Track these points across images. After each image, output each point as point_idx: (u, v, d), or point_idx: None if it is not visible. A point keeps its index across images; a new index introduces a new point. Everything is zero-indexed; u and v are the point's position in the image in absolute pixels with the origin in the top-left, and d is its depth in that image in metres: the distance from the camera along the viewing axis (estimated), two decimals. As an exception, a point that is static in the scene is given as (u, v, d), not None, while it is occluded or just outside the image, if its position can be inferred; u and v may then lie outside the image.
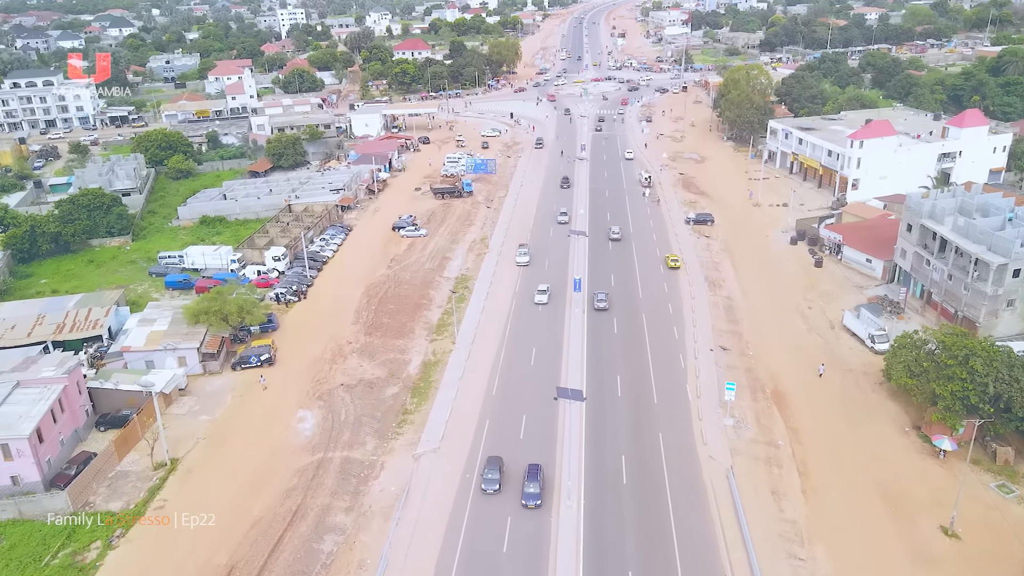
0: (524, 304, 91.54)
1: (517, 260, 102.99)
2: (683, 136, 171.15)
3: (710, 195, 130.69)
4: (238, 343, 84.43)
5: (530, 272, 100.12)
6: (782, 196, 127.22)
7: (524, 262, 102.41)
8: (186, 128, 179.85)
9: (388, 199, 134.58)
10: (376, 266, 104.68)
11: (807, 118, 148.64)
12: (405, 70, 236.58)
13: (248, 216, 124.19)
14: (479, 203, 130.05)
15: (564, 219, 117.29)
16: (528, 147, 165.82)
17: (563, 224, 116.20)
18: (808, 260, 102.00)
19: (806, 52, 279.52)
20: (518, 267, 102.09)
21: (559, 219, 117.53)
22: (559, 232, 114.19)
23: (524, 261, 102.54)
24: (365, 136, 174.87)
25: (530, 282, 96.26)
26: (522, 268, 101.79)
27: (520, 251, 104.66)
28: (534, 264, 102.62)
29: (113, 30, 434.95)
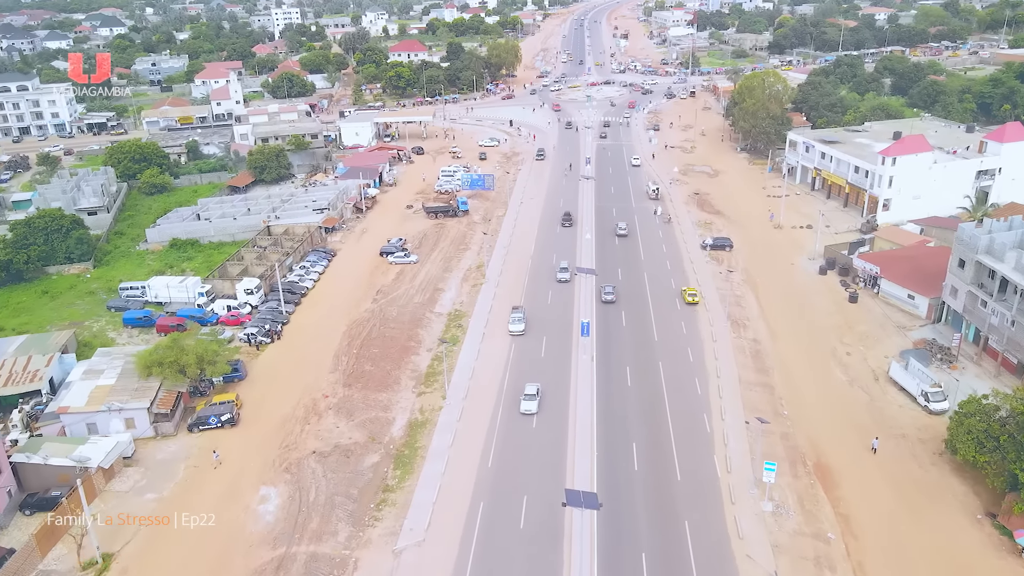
0: (524, 353, 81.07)
1: (511, 328, 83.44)
2: (693, 147, 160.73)
3: (726, 214, 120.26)
4: (198, 396, 74.05)
5: (525, 342, 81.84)
6: (805, 216, 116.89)
7: (519, 330, 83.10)
8: (165, 137, 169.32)
9: (377, 218, 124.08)
10: (360, 299, 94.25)
11: (829, 130, 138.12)
12: (400, 73, 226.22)
13: (224, 238, 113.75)
14: (475, 223, 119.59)
15: (564, 276, 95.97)
16: (529, 159, 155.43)
17: (563, 283, 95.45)
18: (840, 294, 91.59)
19: (817, 55, 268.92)
20: (512, 336, 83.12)
21: (559, 276, 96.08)
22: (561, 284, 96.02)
23: (519, 329, 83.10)
24: (355, 146, 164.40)
25: (524, 358, 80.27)
26: (517, 337, 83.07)
27: (514, 316, 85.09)
28: (533, 322, 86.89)
29: (104, 30, 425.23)
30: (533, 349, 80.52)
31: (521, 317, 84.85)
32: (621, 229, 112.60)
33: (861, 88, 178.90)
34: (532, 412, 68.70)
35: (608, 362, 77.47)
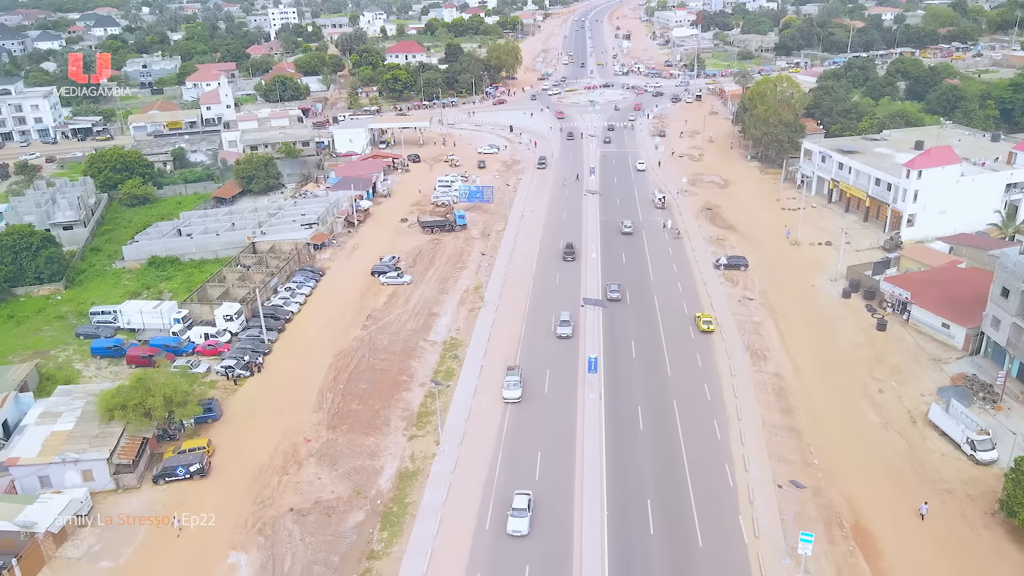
0: (526, 390, 74.31)
1: (505, 394, 70.76)
2: (701, 154, 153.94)
3: (739, 229, 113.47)
4: (167, 440, 67.32)
5: (527, 377, 73.32)
6: (824, 232, 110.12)
7: (515, 397, 70.36)
8: (151, 144, 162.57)
9: (369, 233, 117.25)
10: (349, 325, 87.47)
11: (846, 138, 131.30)
12: (397, 76, 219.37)
13: (206, 255, 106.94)
14: (473, 238, 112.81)
15: (566, 331, 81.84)
16: (530, 167, 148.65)
17: (565, 339, 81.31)
18: (867, 320, 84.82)
19: (825, 56, 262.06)
20: (506, 403, 70.73)
21: (559, 331, 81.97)
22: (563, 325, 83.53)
23: (515, 396, 70.33)
24: (349, 153, 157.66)
25: (526, 395, 73.09)
26: (513, 404, 71.18)
27: (508, 380, 71.96)
28: (537, 354, 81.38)
29: (98, 30, 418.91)
30: (536, 386, 73.70)
31: (517, 381, 71.66)
32: (626, 227, 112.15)
33: (875, 93, 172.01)
34: (521, 533, 54.48)
35: (618, 401, 70.69)
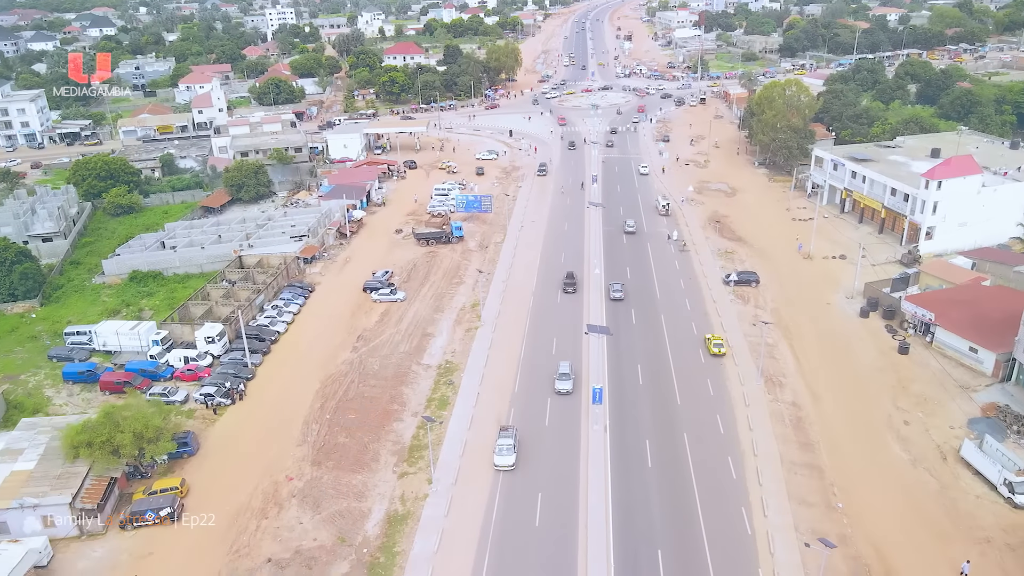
0: (526, 421, 69.49)
1: (496, 461, 61.59)
2: (707, 161, 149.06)
3: (748, 241, 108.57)
4: (138, 479, 62.46)
5: (527, 407, 69.69)
6: (837, 245, 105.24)
7: (507, 464, 61.28)
8: (139, 150, 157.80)
9: (362, 245, 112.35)
10: (339, 347, 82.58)
11: (859, 145, 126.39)
12: (394, 78, 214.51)
13: (190, 270, 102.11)
14: (471, 251, 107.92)
15: (566, 386, 71.00)
16: (530, 174, 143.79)
17: (564, 395, 70.74)
18: (887, 342, 79.90)
19: (831, 58, 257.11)
20: (497, 470, 61.80)
21: (558, 386, 71.17)
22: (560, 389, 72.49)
23: (507, 463, 61.28)
24: (344, 159, 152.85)
25: (525, 429, 70.86)
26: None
27: (501, 443, 62.57)
28: (539, 382, 78.60)
29: (93, 30, 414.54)
30: (536, 417, 68.82)
31: (511, 445, 62.09)
32: (629, 227, 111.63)
33: (885, 97, 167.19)
34: None
35: (624, 434, 65.81)
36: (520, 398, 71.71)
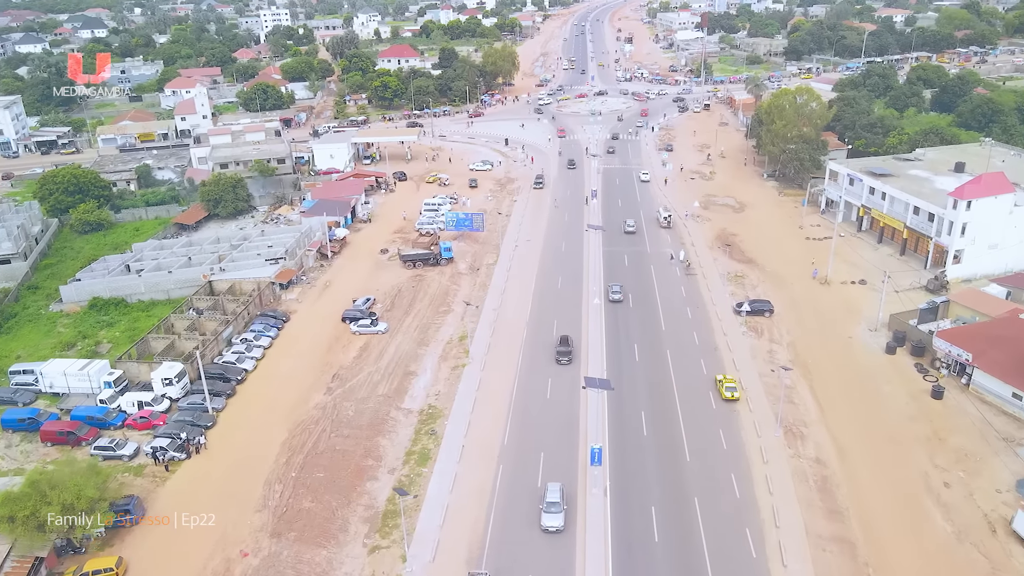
0: (515, 482, 61.73)
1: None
2: (713, 172, 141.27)
3: (759, 263, 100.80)
4: (70, 554, 54.68)
5: (518, 464, 61.95)
6: (856, 268, 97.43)
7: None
8: (115, 160, 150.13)
9: (344, 267, 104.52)
10: (311, 388, 74.79)
11: (876, 158, 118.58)
12: (387, 83, 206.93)
13: (157, 296, 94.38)
14: (461, 274, 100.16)
15: (555, 522, 54.41)
16: (526, 186, 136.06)
17: (555, 533, 55.11)
18: (918, 384, 72.12)
19: (838, 61, 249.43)
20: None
21: (544, 522, 54.57)
22: None
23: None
24: (330, 170, 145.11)
25: (515, 492, 65.12)
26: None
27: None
28: (530, 430, 71.16)
29: (85, 32, 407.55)
30: (529, 478, 61.06)
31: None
32: (629, 226, 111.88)
33: (899, 104, 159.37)
34: None
35: (627, 499, 58.01)
36: (510, 452, 63.93)
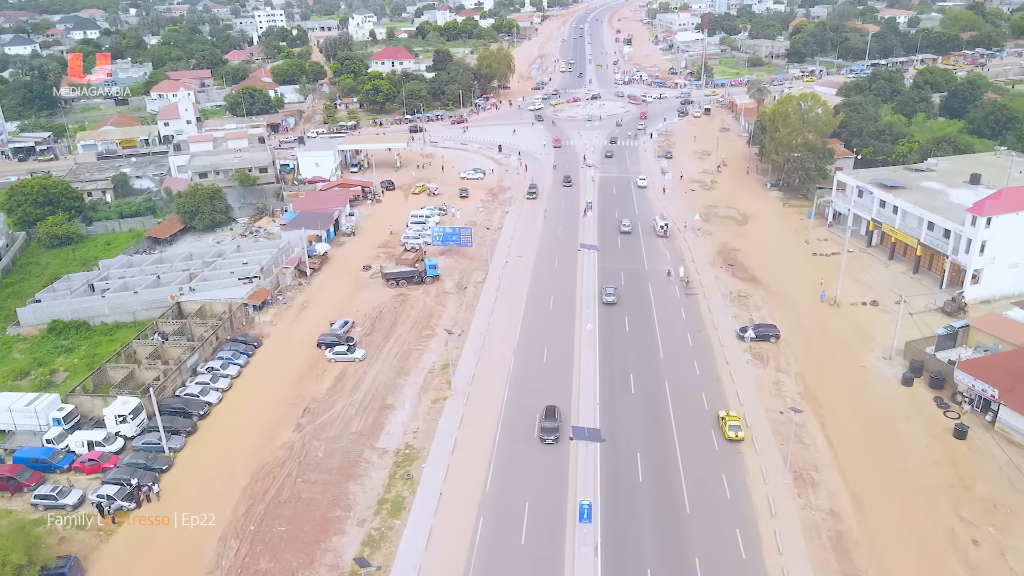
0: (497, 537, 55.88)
1: None
2: (714, 181, 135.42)
3: (763, 282, 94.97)
4: (-4, 626, 48.93)
5: (499, 521, 56.20)
6: (866, 287, 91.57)
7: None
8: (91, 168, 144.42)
9: (324, 285, 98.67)
10: (280, 424, 68.95)
11: (886, 169, 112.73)
12: (378, 87, 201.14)
13: (122, 318, 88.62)
14: (447, 294, 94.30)
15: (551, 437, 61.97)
16: (519, 196, 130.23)
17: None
18: (939, 421, 66.30)
19: (842, 64, 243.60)
20: None
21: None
22: None
23: None
24: (316, 179, 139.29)
25: (497, 546, 58.73)
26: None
27: None
28: (513, 485, 63.26)
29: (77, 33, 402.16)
30: (511, 532, 55.17)
31: None
32: (625, 226, 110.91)
33: (907, 109, 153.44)
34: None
35: (619, 560, 52.14)
36: (490, 501, 58.09)
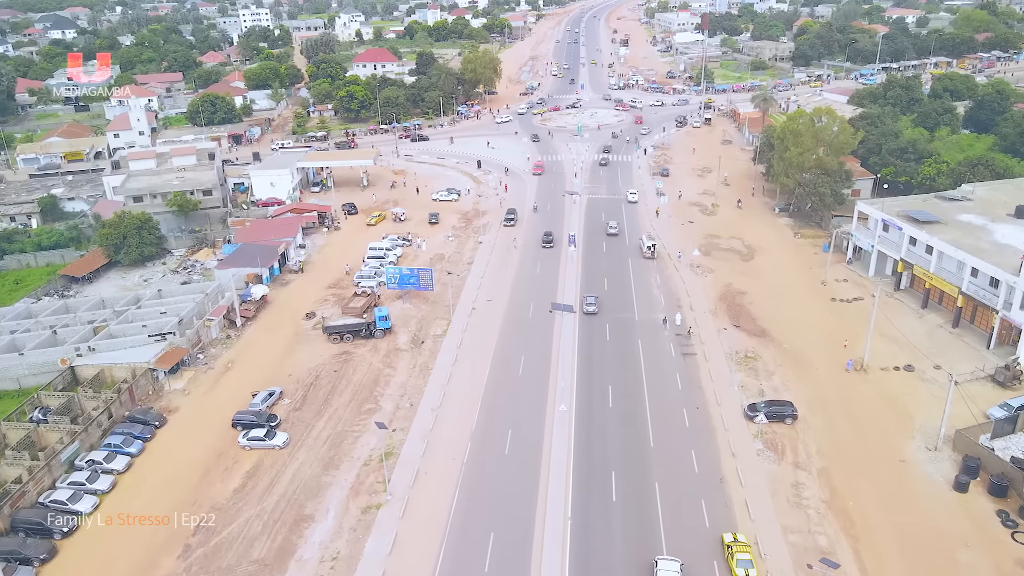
0: None
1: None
2: (715, 204, 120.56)
3: (775, 336, 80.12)
4: None
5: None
6: (897, 345, 76.63)
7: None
8: (18, 189, 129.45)
9: (256, 340, 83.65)
10: (162, 548, 54.01)
11: (914, 198, 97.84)
12: (353, 93, 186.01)
13: (6, 385, 73.89)
14: (399, 351, 79.43)
15: None
16: (495, 222, 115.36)
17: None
18: (1007, 547, 51.53)
19: (851, 68, 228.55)
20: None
21: None
22: None
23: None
24: (271, 201, 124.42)
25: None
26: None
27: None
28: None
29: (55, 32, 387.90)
30: None
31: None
32: (612, 229, 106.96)
33: (929, 122, 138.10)
34: None
35: None
36: None
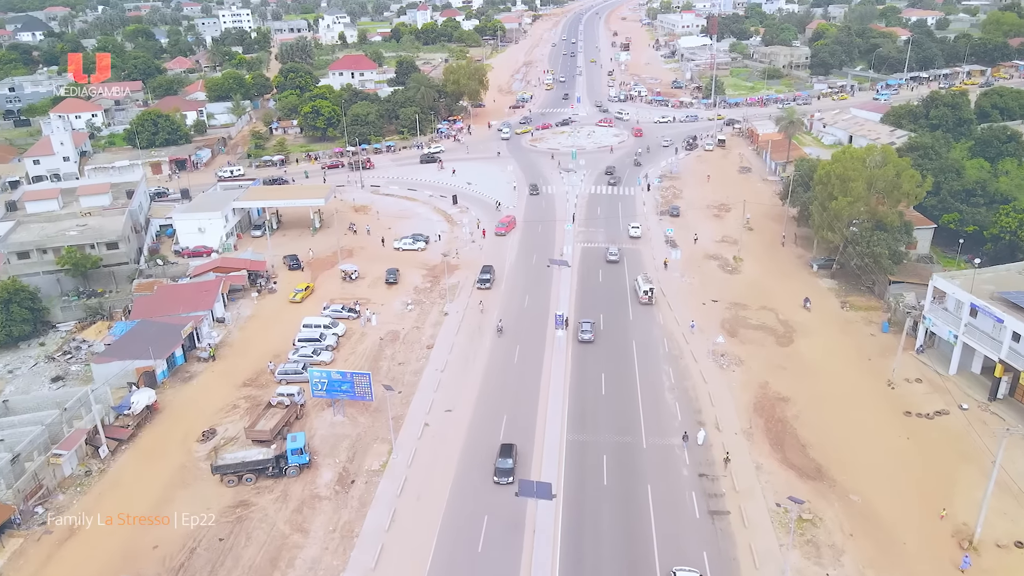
0: None
1: None
2: (738, 258, 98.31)
3: (836, 479, 57.88)
4: None
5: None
6: (1010, 496, 54.58)
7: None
8: None
9: (125, 477, 61.21)
10: None
11: (1013, 268, 75.44)
12: (318, 108, 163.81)
13: None
14: (317, 498, 57.26)
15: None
16: (467, 282, 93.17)
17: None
18: None
19: (876, 77, 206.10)
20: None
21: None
22: None
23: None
24: (199, 251, 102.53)
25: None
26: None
27: None
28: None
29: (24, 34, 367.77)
30: None
31: None
32: (612, 256, 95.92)
33: (990, 152, 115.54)
34: None
35: None
36: None
